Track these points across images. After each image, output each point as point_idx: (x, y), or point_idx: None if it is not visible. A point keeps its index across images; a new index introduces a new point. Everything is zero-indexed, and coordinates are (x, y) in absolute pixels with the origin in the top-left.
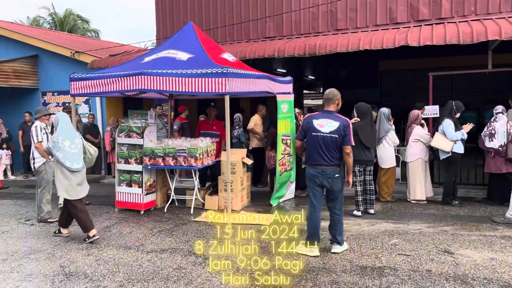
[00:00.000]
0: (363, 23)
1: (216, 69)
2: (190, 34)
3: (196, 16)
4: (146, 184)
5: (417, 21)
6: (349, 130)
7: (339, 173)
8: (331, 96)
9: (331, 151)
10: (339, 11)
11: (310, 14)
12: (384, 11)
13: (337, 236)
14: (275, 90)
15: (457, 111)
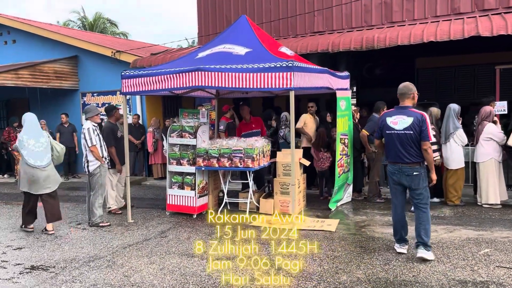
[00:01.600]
0: (421, 14)
1: (281, 63)
2: (245, 27)
3: (239, 12)
4: (199, 187)
5: (482, 11)
6: (425, 124)
7: (419, 171)
8: (406, 90)
9: (407, 148)
10: (394, 3)
11: (363, 6)
12: (445, 1)
13: (423, 236)
14: (334, 85)
15: None
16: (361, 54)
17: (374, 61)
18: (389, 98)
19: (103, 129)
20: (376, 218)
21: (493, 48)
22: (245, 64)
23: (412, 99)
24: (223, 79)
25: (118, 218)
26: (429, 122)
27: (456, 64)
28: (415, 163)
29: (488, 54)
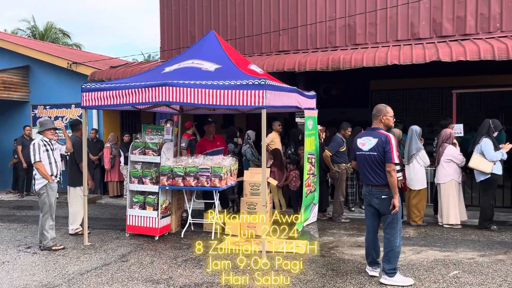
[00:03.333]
0: (383, 38)
1: (253, 81)
2: (214, 43)
3: (204, 27)
4: (162, 207)
5: (440, 37)
6: (389, 146)
7: (388, 194)
8: (375, 111)
9: (374, 170)
10: (357, 26)
11: (327, 28)
12: (405, 26)
13: (383, 262)
14: (303, 105)
15: (495, 130)
16: (318, 74)
17: (330, 82)
18: (345, 118)
19: (73, 143)
20: (344, 239)
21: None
22: (215, 81)
23: (380, 121)
24: (193, 95)
25: (73, 241)
26: (394, 144)
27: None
28: (384, 186)
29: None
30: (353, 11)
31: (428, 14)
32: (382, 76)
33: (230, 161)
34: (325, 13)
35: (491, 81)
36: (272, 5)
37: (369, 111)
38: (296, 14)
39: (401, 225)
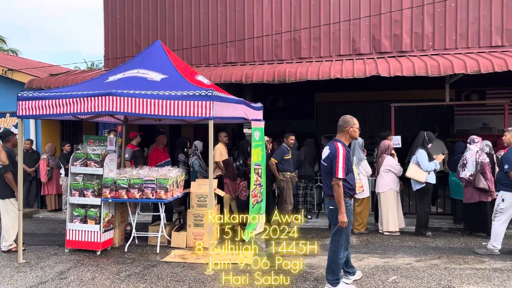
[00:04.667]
0: (327, 52)
1: (200, 92)
2: (160, 53)
3: (150, 37)
4: (105, 220)
5: (379, 53)
6: (336, 159)
7: (334, 205)
8: (341, 123)
9: (326, 180)
10: (302, 40)
11: (273, 41)
12: (347, 42)
13: (327, 272)
14: (250, 116)
15: (429, 142)
16: (265, 86)
17: (276, 94)
18: (291, 129)
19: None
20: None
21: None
22: (161, 91)
23: (346, 133)
24: (138, 105)
25: (6, 258)
26: (341, 157)
27: (350, 100)
28: (331, 196)
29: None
30: (298, 25)
31: (368, 31)
32: (326, 89)
33: (177, 172)
34: (272, 26)
35: (426, 95)
36: (220, 17)
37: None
38: (243, 26)
39: (349, 237)
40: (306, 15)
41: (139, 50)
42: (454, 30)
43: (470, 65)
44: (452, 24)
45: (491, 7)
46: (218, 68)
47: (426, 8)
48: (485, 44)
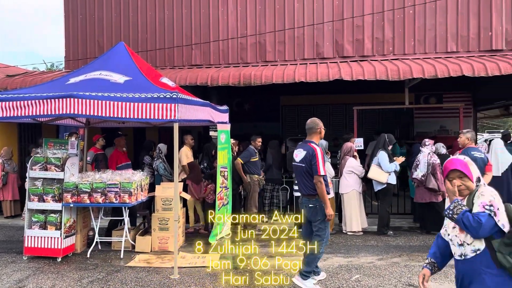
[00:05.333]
0: (292, 56)
1: (164, 94)
2: (123, 55)
3: (113, 38)
4: (66, 226)
5: (342, 57)
6: (315, 158)
7: (314, 203)
8: (312, 125)
9: (303, 180)
10: (267, 44)
11: (239, 44)
12: (311, 46)
13: (303, 263)
14: (216, 119)
15: (390, 144)
16: (231, 89)
17: (242, 97)
18: (257, 132)
19: None
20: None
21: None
22: (125, 93)
23: (319, 133)
24: (100, 108)
25: None
26: (319, 156)
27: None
28: (311, 195)
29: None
30: (263, 29)
31: (331, 35)
32: (292, 92)
33: (141, 175)
34: (237, 30)
35: (387, 99)
36: (185, 19)
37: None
38: (209, 29)
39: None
40: (271, 19)
41: (101, 51)
42: (412, 36)
43: (428, 70)
44: (411, 30)
45: (447, 15)
46: (183, 70)
47: (386, 14)
48: (441, 50)
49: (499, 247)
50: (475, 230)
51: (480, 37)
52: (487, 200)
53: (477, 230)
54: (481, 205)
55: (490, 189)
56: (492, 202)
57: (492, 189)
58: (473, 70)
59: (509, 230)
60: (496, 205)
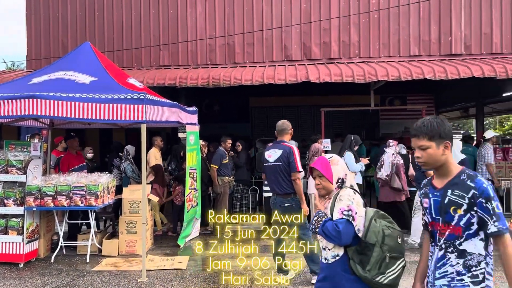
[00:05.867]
0: (260, 58)
1: (132, 95)
2: (89, 55)
3: (78, 38)
4: (28, 230)
5: (310, 60)
6: (293, 156)
7: (290, 202)
8: (286, 126)
9: (279, 179)
10: (236, 45)
11: (207, 45)
12: (279, 48)
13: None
14: (184, 120)
15: (356, 144)
16: (200, 90)
17: (212, 98)
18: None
19: None
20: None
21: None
22: (90, 94)
23: (290, 135)
24: (65, 109)
25: None
26: (297, 154)
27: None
28: (287, 194)
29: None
30: (232, 30)
31: (299, 38)
32: (261, 93)
33: (107, 178)
34: (206, 31)
35: (354, 100)
36: (153, 19)
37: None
38: (177, 30)
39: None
40: (239, 21)
41: (66, 51)
42: (377, 40)
43: (392, 73)
44: (376, 34)
45: (410, 20)
46: (151, 71)
47: (352, 18)
48: (405, 54)
49: (352, 254)
50: (337, 239)
51: (440, 42)
52: (345, 205)
53: (339, 238)
54: (340, 211)
55: (348, 192)
56: (350, 206)
57: (350, 192)
58: (434, 73)
59: (362, 238)
60: (354, 209)
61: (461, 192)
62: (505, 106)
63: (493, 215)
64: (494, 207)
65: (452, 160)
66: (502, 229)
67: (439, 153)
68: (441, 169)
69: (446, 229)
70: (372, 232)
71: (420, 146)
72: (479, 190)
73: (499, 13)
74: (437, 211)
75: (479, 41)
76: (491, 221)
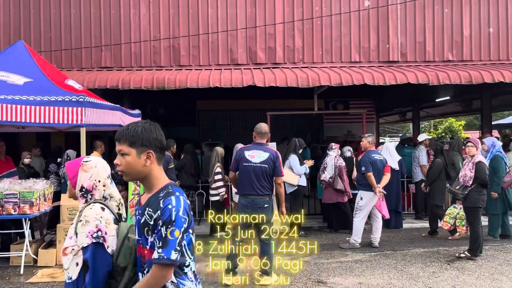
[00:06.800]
0: (206, 61)
1: (70, 97)
2: (23, 54)
3: (11, 36)
4: None
5: (256, 64)
6: (279, 161)
7: (269, 203)
8: (264, 129)
9: (261, 181)
10: (181, 48)
11: (152, 47)
12: (225, 52)
13: (268, 268)
14: (127, 123)
15: (300, 148)
16: (146, 93)
17: (157, 101)
18: (172, 136)
19: None
20: None
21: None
22: (24, 95)
23: (267, 138)
24: None
25: None
26: (281, 159)
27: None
28: (266, 196)
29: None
30: (177, 33)
31: (245, 42)
32: (208, 96)
33: (44, 184)
34: (150, 32)
35: (299, 104)
36: (93, 19)
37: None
38: (120, 31)
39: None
40: (185, 23)
41: None
42: (320, 46)
43: (334, 78)
44: (319, 40)
45: (350, 27)
46: (92, 72)
47: (296, 24)
48: (346, 60)
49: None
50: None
51: (379, 49)
52: (92, 226)
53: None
54: (88, 235)
55: (95, 210)
56: (99, 226)
57: (97, 209)
58: (373, 79)
59: (114, 261)
60: (103, 229)
61: (152, 211)
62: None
63: (161, 241)
64: (168, 233)
65: (158, 174)
66: (161, 258)
67: (140, 163)
68: (145, 182)
69: (146, 253)
70: (123, 255)
71: (119, 151)
72: (163, 211)
73: (432, 24)
74: (138, 232)
75: (414, 49)
76: (157, 246)
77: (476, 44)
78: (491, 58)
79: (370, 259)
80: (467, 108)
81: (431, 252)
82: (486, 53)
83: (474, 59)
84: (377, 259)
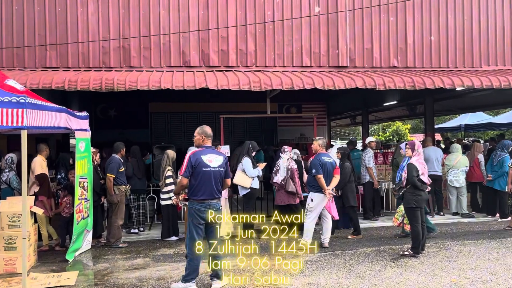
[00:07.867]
0: (158, 63)
1: (10, 98)
2: None
3: None
4: None
5: (209, 67)
6: (228, 164)
7: (220, 206)
8: (211, 132)
9: (218, 185)
10: (132, 49)
11: (101, 48)
12: (177, 54)
13: (219, 271)
14: (73, 126)
15: (254, 150)
16: (95, 94)
17: (108, 102)
18: (123, 139)
19: None
20: (119, 263)
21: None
22: None
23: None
24: None
25: None
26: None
27: (185, 110)
28: (219, 198)
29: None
30: (128, 34)
31: (197, 45)
32: (161, 99)
33: None
34: (99, 32)
35: (253, 108)
36: (38, 17)
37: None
38: (66, 30)
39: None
40: (135, 24)
41: None
42: (272, 50)
43: (286, 82)
44: (271, 44)
45: (302, 32)
46: (36, 72)
47: (249, 27)
48: (298, 64)
49: None
50: None
51: (329, 54)
52: None
53: None
54: None
55: None
56: None
57: None
58: (323, 84)
59: None
60: None
61: None
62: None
63: None
64: None
65: None
66: None
67: None
68: None
69: None
70: None
71: None
72: None
73: (378, 31)
74: None
75: (362, 55)
76: None
77: (419, 51)
78: (432, 65)
79: (320, 259)
80: (412, 112)
81: (378, 251)
82: (428, 60)
83: (418, 66)
84: (327, 259)
